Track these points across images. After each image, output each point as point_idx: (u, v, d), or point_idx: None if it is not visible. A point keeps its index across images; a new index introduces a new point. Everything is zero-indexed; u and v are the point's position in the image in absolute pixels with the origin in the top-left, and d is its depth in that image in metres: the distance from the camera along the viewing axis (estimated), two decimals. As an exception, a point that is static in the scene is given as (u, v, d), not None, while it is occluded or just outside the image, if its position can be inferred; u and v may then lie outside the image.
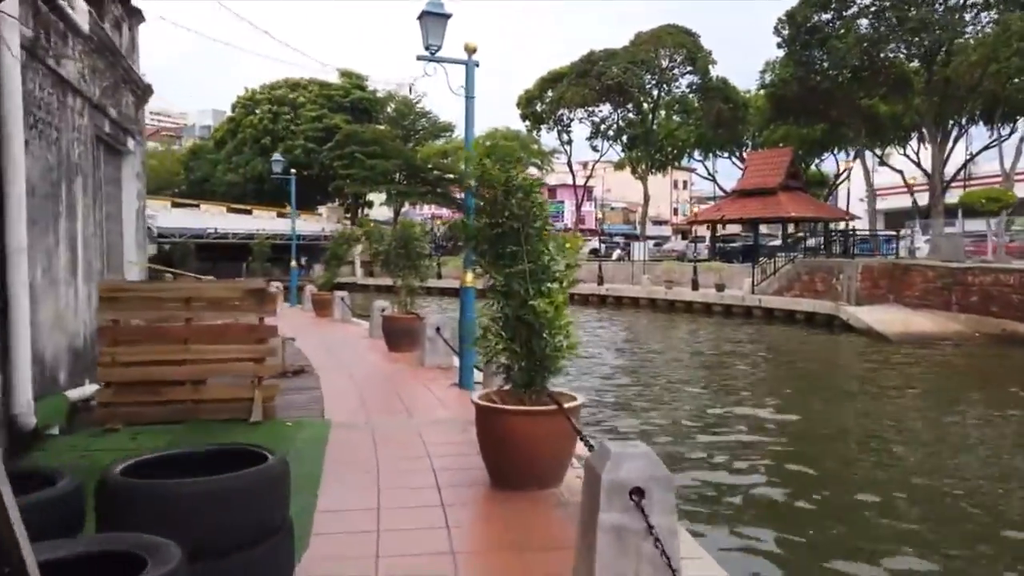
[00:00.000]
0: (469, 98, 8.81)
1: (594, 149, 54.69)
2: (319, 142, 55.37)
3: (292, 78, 61.62)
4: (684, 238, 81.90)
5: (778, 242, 44.67)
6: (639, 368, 18.16)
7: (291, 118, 58.28)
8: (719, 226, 43.46)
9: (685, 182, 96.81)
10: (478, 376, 8.98)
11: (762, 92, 43.31)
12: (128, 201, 11.72)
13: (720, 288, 33.39)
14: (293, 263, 21.57)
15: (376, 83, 61.30)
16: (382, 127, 56.06)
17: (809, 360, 21.01)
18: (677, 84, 48.95)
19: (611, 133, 53.36)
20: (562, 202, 76.64)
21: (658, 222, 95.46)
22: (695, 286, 34.76)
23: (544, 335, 5.18)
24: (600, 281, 39.85)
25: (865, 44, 36.34)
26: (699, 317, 32.35)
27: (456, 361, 9.99)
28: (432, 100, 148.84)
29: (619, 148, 56.89)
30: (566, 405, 5.06)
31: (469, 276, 8.89)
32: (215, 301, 7.25)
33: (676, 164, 70.71)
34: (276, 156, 21.05)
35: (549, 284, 5.28)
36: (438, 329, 10.38)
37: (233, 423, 6.99)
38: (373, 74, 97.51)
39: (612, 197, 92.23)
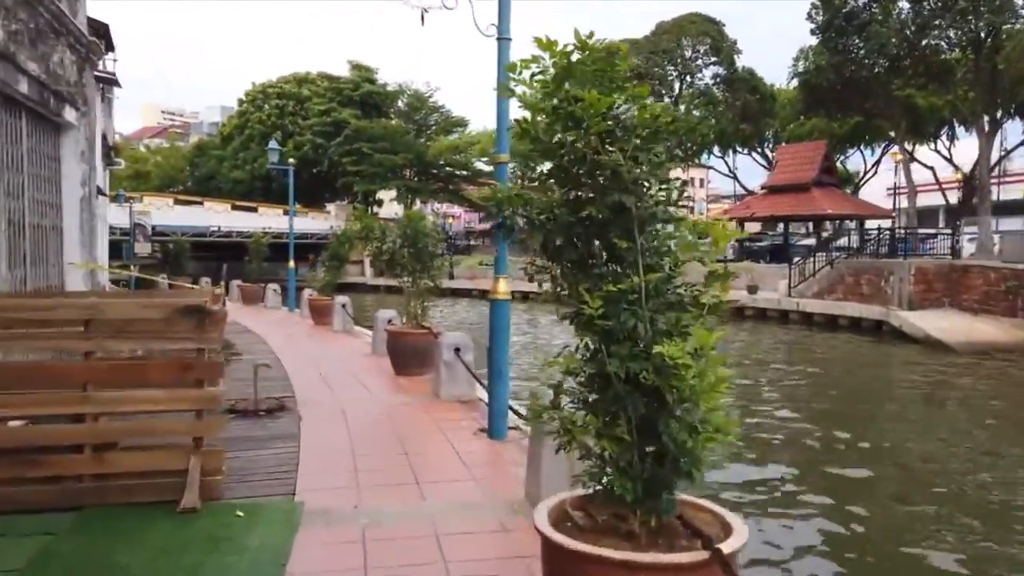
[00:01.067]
0: (503, 39, 6.33)
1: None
2: (328, 137, 53.00)
3: (300, 72, 59.33)
4: (701, 239, 79.26)
5: (809, 241, 42.06)
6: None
7: (299, 113, 55.98)
8: (742, 225, 40.92)
9: (701, 180, 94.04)
10: (513, 419, 6.52)
11: (792, 84, 40.82)
12: (70, 188, 9.30)
13: (753, 290, 30.82)
14: (291, 263, 19.12)
15: (386, 77, 58.87)
16: (393, 122, 53.61)
17: (862, 370, 18.52)
18: (700, 76, 46.32)
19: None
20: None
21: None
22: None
23: (678, 411, 2.72)
24: (621, 282, 37.29)
25: (906, 30, 33.70)
26: (730, 321, 29.78)
27: (482, 394, 7.53)
28: (445, 94, 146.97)
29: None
30: (722, 546, 2.58)
31: (502, 285, 6.42)
32: (124, 326, 4.77)
33: (695, 161, 68.15)
34: (272, 144, 18.63)
35: (685, 314, 2.82)
36: (457, 351, 7.92)
37: (154, 511, 4.55)
38: (383, 67, 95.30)
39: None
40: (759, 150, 60.68)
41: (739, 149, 61.42)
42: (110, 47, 23.25)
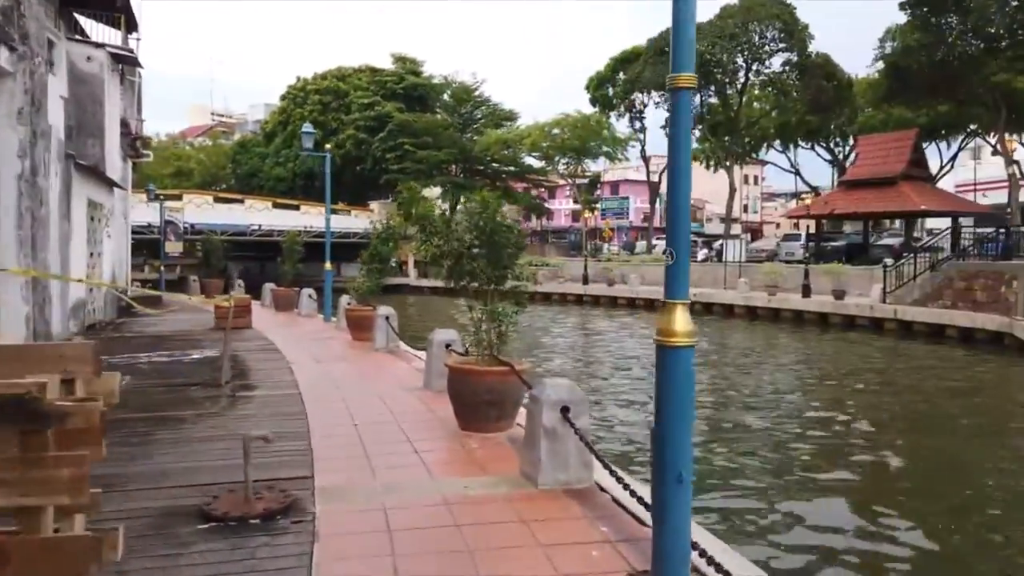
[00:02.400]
0: None
1: (670, 138, 48.59)
2: (371, 132, 50.54)
3: (342, 67, 56.99)
4: (754, 238, 75.28)
5: (890, 240, 38.20)
6: (738, 395, 12.47)
7: (340, 108, 53.61)
8: (802, 223, 37.23)
9: (756, 177, 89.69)
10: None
11: (868, 72, 37.22)
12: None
13: (839, 295, 27.30)
14: (327, 264, 16.33)
15: (432, 69, 56.22)
16: (438, 116, 50.88)
17: (990, 391, 15.17)
18: (767, 64, 42.68)
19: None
20: (626, 198, 70.62)
21: (725, 219, 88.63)
22: (806, 292, 28.75)
23: None
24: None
25: (1008, 7, 29.87)
26: (811, 330, 26.35)
27: (604, 477, 4.60)
28: (492, 87, 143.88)
29: (695, 136, 50.85)
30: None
31: (680, 319, 3.42)
32: None
33: (752, 156, 64.42)
34: (306, 128, 15.86)
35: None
36: (566, 411, 4.92)
37: None
38: (429, 60, 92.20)
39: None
40: (824, 144, 56.66)
41: (802, 143, 57.57)
42: (132, 26, 20.79)
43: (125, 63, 19.17)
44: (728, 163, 44.90)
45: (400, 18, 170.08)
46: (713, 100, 45.17)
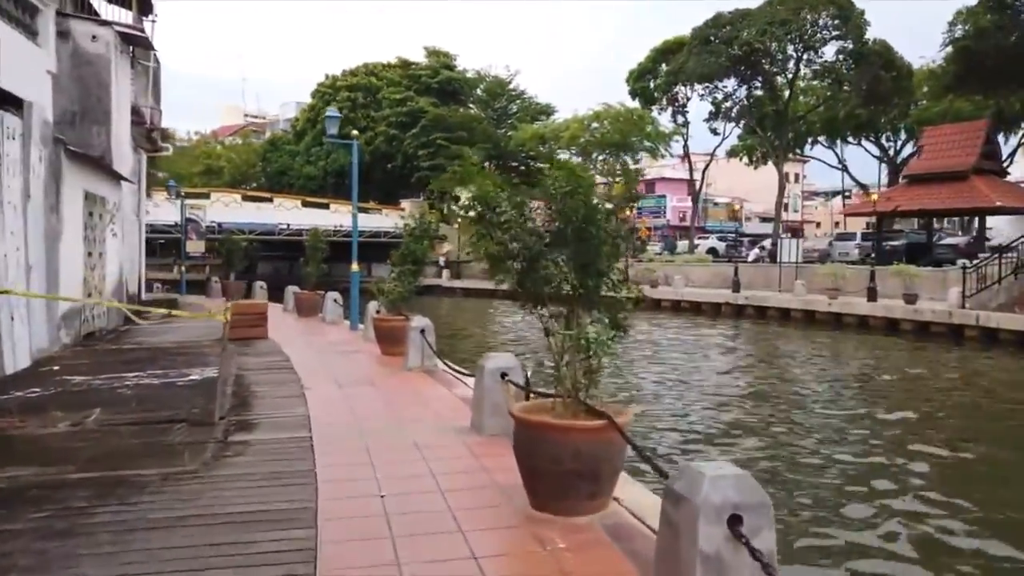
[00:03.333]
0: None
1: (713, 132, 46.24)
2: (403, 128, 48.72)
3: (371, 63, 55.27)
4: (794, 236, 72.33)
5: (955, 239, 35.47)
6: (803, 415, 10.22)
7: (371, 105, 51.88)
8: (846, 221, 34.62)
9: (796, 175, 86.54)
10: None
11: (928, 63, 34.53)
12: None
13: (911, 299, 24.80)
14: (354, 265, 14.39)
15: (465, 63, 54.24)
16: (472, 110, 48.90)
17: None
18: (819, 54, 40.00)
19: (734, 113, 44.78)
20: (663, 196, 68.08)
21: (765, 219, 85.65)
22: (872, 295, 26.32)
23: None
24: (736, 287, 31.65)
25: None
26: (879, 336, 23.95)
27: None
28: (526, 80, 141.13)
29: (738, 131, 48.36)
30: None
31: None
32: None
33: (796, 153, 61.66)
34: (330, 112, 13.91)
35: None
36: (736, 524, 2.84)
37: None
38: (462, 54, 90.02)
39: (714, 191, 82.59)
40: (873, 139, 53.77)
41: (849, 139, 54.76)
42: (146, 8, 19.11)
43: (136, 45, 17.43)
44: (778, 158, 42.29)
45: (430, 15, 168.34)
46: (758, 92, 42.65)
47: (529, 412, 4.60)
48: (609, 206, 4.52)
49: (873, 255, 32.64)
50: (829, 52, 39.82)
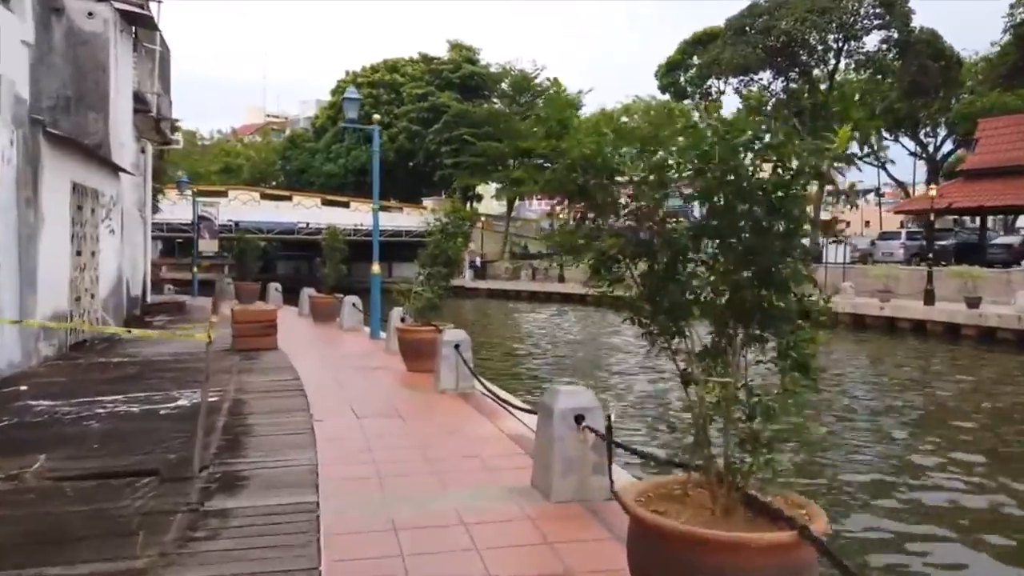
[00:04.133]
0: None
1: (746, 128, 44.11)
2: (425, 124, 47.09)
3: (392, 59, 53.71)
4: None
5: (1008, 238, 33.27)
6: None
7: (393, 102, 50.33)
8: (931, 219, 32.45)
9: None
10: None
11: (974, 54, 32.37)
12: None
13: (973, 303, 22.79)
14: (375, 267, 12.71)
15: (489, 58, 52.46)
16: (496, 105, 47.17)
17: None
18: (860, 43, 37.83)
19: (768, 107, 42.65)
20: (691, 195, 66.06)
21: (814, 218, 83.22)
22: (930, 299, 24.37)
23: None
24: (777, 289, 29.60)
25: None
26: (937, 343, 21.96)
27: None
28: (556, 71, 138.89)
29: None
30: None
31: None
32: None
33: (829, 150, 59.16)
34: (350, 92, 12.19)
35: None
36: None
37: None
38: (485, 47, 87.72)
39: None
40: (910, 134, 51.45)
41: (885, 135, 52.43)
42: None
43: (139, 25, 15.88)
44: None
45: (453, 12, 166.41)
46: (795, 85, 40.54)
47: (655, 505, 2.85)
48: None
49: (926, 255, 30.57)
50: (871, 42, 37.69)
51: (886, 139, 53.04)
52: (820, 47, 36.29)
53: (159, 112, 18.74)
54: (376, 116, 12.96)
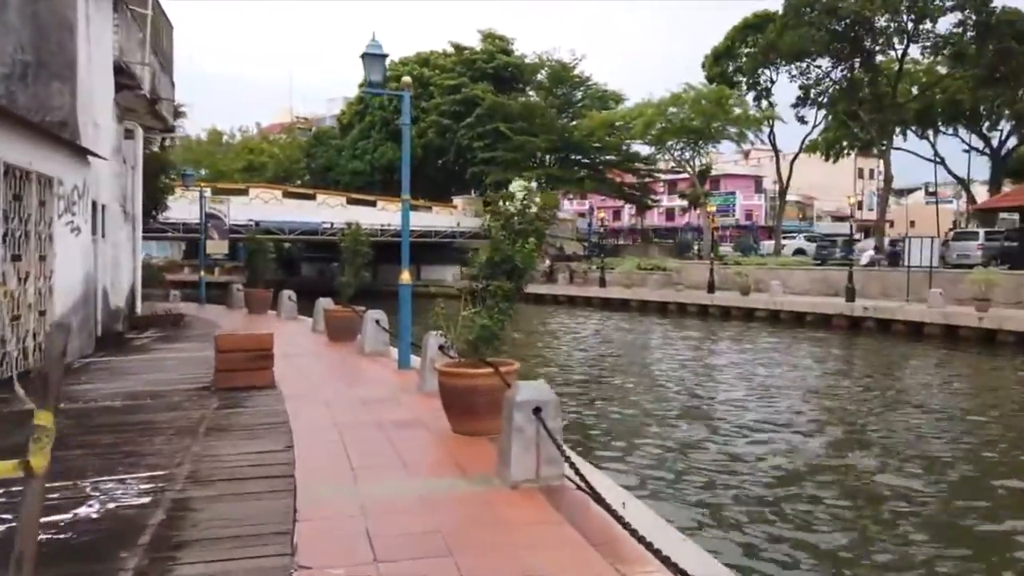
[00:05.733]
0: None
1: (800, 120, 40.67)
2: (456, 118, 44.12)
3: (422, 52, 50.87)
4: (867, 236, 65.86)
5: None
6: None
7: (422, 96, 47.44)
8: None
9: (872, 170, 79.72)
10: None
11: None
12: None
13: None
14: (404, 275, 9.64)
15: (523, 48, 49.34)
16: (531, 98, 44.05)
17: None
18: (933, 26, 34.19)
19: (825, 98, 39.18)
20: (732, 194, 62.29)
21: (837, 217, 79.10)
22: (1041, 309, 20.83)
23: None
24: (850, 296, 26.29)
25: None
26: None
27: None
28: (592, 64, 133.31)
29: (822, 118, 42.50)
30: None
31: None
32: None
33: (884, 145, 55.50)
34: (371, 46, 9.13)
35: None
36: None
37: None
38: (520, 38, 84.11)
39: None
40: (973, 128, 47.47)
41: (943, 129, 48.54)
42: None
43: (120, -19, 13.05)
44: (884, 145, 36.55)
45: (483, 10, 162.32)
46: (854, 73, 37.00)
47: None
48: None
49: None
50: (944, 25, 34.04)
51: (944, 133, 49.25)
52: (892, 28, 32.69)
53: (154, 91, 15.89)
54: (406, 79, 9.80)
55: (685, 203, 52.59)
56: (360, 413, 7.16)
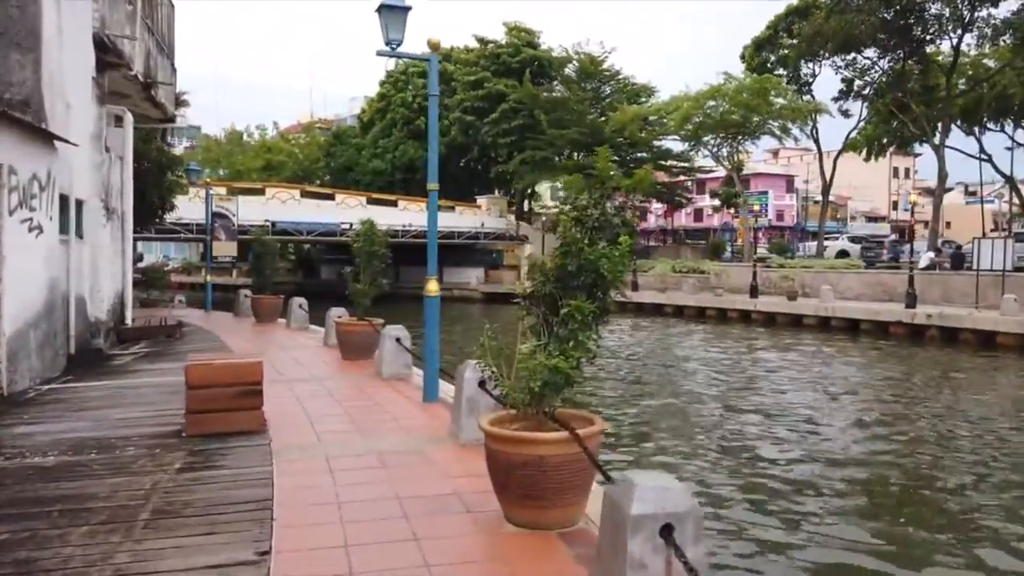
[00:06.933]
0: None
1: (844, 114, 38.19)
2: (480, 114, 42.14)
3: (445, 48, 48.91)
4: (901, 237, 63.09)
5: None
6: None
7: (445, 92, 45.53)
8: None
9: (907, 169, 76.80)
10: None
11: None
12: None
13: None
14: (432, 286, 7.62)
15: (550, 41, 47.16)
16: (559, 93, 41.96)
17: None
18: (990, 12, 31.69)
19: (869, 91, 36.72)
20: (764, 193, 59.64)
21: (872, 218, 76.23)
22: None
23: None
24: (911, 302, 23.98)
25: None
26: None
27: None
28: (622, 57, 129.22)
29: (865, 112, 39.92)
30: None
31: None
32: None
33: (924, 140, 52.91)
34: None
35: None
36: None
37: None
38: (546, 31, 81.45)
39: (815, 189, 73.43)
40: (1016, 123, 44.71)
41: (989, 124, 45.82)
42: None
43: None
44: (939, 140, 34.02)
45: (509, 10, 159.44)
46: (909, 63, 34.51)
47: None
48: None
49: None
50: (1003, 10, 31.52)
51: (991, 129, 46.53)
52: (947, 12, 30.22)
53: (148, 73, 14.01)
54: (433, 38, 7.80)
55: (716, 202, 50.16)
56: (376, 482, 5.12)
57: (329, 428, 6.69)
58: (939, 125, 35.40)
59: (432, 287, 7.83)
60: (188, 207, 26.63)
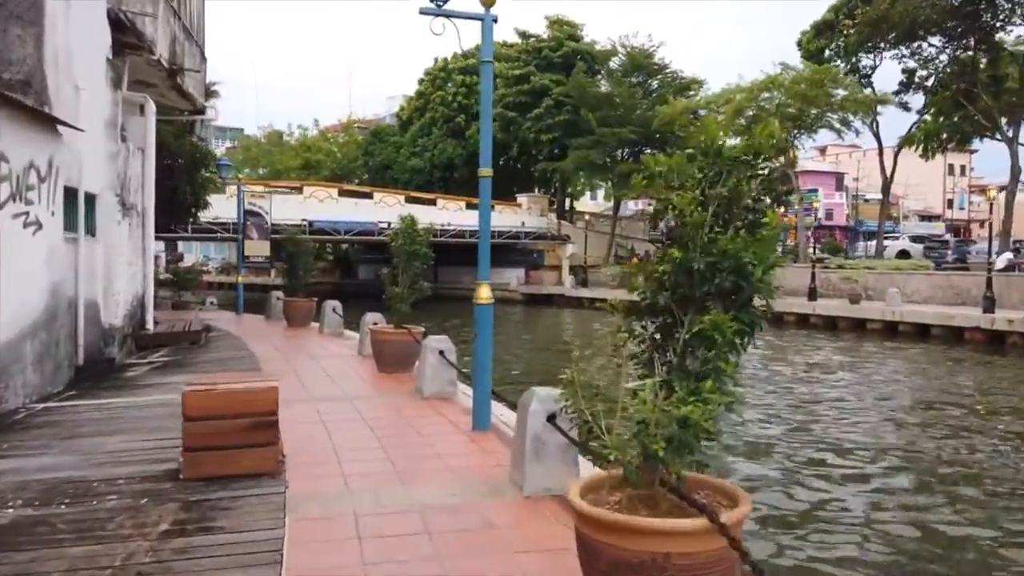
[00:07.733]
0: None
1: (903, 107, 36.00)
2: (522, 110, 40.81)
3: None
4: (957, 236, 60.23)
5: None
6: None
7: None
8: None
9: (963, 167, 73.53)
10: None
11: None
12: None
13: None
14: (482, 291, 6.29)
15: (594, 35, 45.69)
16: (602, 88, 40.44)
17: None
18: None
19: (931, 83, 34.49)
20: (815, 191, 57.25)
21: (925, 216, 73.16)
22: None
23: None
24: (989, 306, 22.02)
25: None
26: None
27: None
28: (670, 50, 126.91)
29: (927, 105, 37.59)
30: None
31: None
32: None
33: (983, 136, 50.17)
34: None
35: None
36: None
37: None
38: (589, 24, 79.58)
39: (865, 187, 70.61)
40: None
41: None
42: None
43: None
44: (1011, 134, 31.73)
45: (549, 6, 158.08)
46: (974, 53, 32.26)
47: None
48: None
49: None
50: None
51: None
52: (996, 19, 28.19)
53: (173, 59, 12.96)
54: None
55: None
56: (418, 559, 3.81)
57: (360, 469, 5.40)
58: (1004, 118, 33.08)
59: (484, 293, 6.52)
60: (224, 206, 25.80)
